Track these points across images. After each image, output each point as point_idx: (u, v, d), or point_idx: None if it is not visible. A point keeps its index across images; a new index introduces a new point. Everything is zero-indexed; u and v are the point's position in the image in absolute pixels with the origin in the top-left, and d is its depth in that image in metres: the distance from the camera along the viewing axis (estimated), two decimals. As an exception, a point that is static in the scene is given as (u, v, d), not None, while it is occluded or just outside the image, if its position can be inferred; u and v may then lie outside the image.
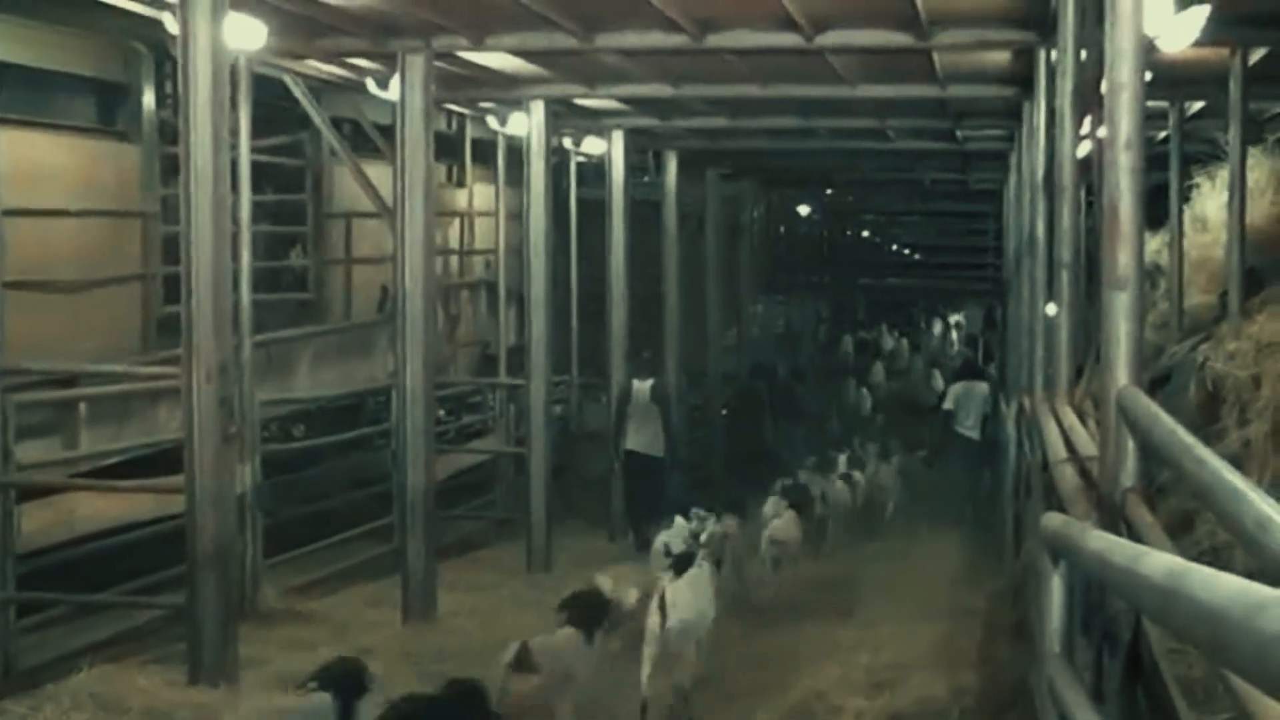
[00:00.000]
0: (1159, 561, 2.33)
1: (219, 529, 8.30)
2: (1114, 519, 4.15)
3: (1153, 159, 12.11)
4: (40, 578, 9.61)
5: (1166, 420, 3.69)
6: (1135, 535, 3.85)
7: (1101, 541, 3.16)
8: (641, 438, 14.70)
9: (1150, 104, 8.72)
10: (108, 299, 11.05)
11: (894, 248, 34.88)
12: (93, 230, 10.92)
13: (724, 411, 19.86)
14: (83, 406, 10.18)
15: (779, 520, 12.45)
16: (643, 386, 14.86)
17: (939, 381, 23.89)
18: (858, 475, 16.68)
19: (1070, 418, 6.62)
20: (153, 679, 8.44)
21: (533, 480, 13.40)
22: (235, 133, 9.60)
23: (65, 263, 10.53)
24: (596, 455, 16.11)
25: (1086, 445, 5.44)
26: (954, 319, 33.96)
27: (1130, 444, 4.22)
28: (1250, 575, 1.91)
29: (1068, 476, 5.08)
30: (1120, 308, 4.39)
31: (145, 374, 10.58)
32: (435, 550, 11.07)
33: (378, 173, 12.21)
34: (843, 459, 17.12)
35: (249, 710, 7.22)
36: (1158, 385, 8.30)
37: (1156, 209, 10.23)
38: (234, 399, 9.02)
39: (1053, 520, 4.03)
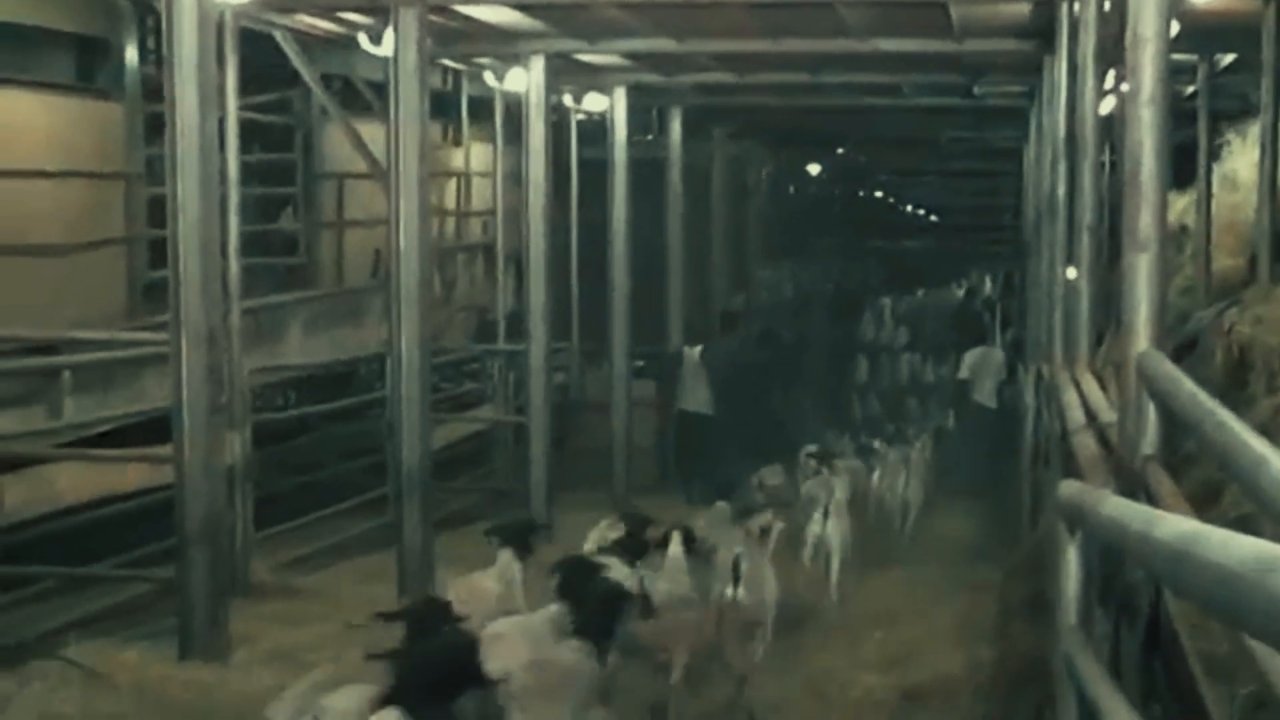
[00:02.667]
0: (1173, 525, 2.35)
1: (209, 501, 8.26)
2: (1133, 487, 4.06)
3: (1180, 115, 11.80)
4: (19, 551, 9.41)
5: (1188, 385, 3.60)
6: (1155, 504, 3.76)
7: (1117, 507, 3.09)
8: (694, 399, 15.97)
9: (1177, 57, 8.47)
10: (90, 263, 10.78)
11: (908, 209, 34.57)
12: (74, 192, 10.65)
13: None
14: (66, 375, 9.94)
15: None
16: (692, 352, 16.14)
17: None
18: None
19: (1090, 384, 6.56)
20: (142, 655, 8.36)
21: (533, 450, 13.17)
22: (222, 91, 9.40)
23: (46, 226, 10.28)
24: (598, 424, 15.86)
25: (1106, 412, 5.39)
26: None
27: (1151, 410, 4.17)
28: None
29: (1086, 444, 5.02)
30: (1142, 270, 4.33)
31: (130, 341, 10.39)
32: (432, 523, 10.82)
33: (370, 132, 11.91)
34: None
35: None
36: (1183, 351, 8.11)
37: (1184, 168, 9.97)
38: (223, 367, 8.82)
39: (1069, 488, 3.93)
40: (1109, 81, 8.84)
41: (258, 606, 9.89)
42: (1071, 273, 8.58)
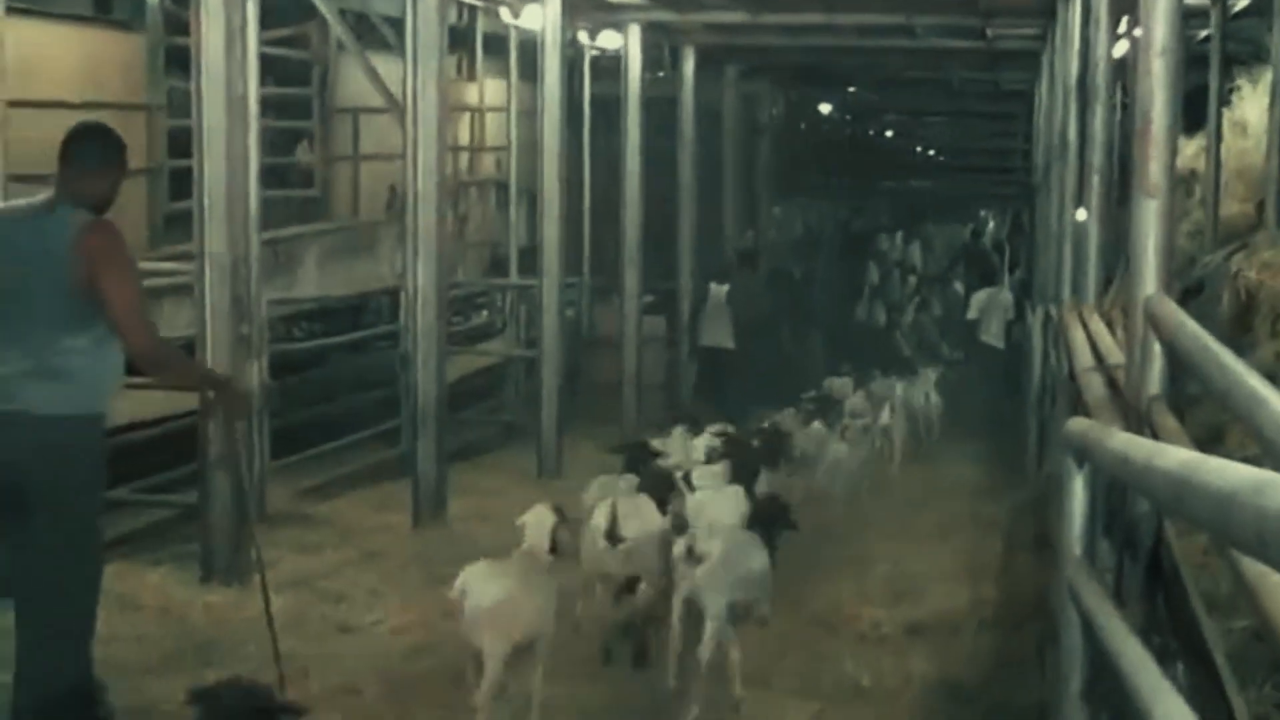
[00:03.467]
0: (1174, 455, 2.44)
1: (230, 429, 8.26)
2: (1139, 427, 4.12)
3: (1193, 60, 11.74)
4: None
5: (1193, 327, 3.68)
6: (1160, 442, 3.74)
7: (1122, 440, 3.16)
8: (715, 334, 16.40)
9: (1191, 1, 8.45)
10: (112, 193, 10.78)
11: (919, 149, 34.30)
12: (96, 123, 10.62)
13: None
14: (88, 303, 9.97)
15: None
16: (719, 290, 16.45)
17: None
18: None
19: (1098, 326, 6.62)
20: (165, 577, 8.55)
21: (543, 384, 13.18)
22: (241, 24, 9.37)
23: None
24: (608, 359, 15.93)
25: (1114, 354, 5.45)
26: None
27: (1157, 351, 4.25)
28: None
29: (1094, 385, 5.06)
30: (1150, 216, 4.36)
31: (152, 271, 10.40)
32: (446, 454, 10.93)
33: (387, 67, 11.91)
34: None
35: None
36: (1190, 295, 8.14)
37: (1195, 112, 9.92)
38: (246, 298, 8.90)
39: (1078, 424, 3.99)
40: (1122, 25, 8.83)
41: (275, 533, 9.91)
42: (1081, 214, 8.57)
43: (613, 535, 7.26)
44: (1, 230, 5.79)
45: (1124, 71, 8.71)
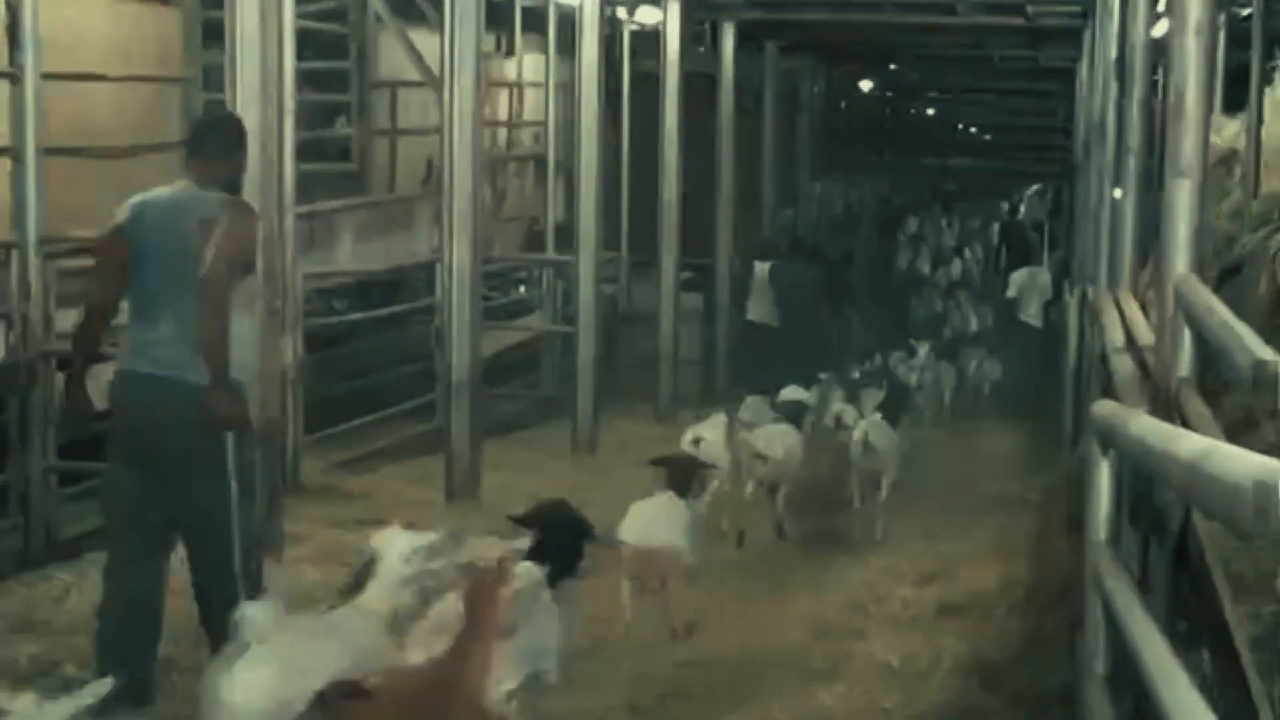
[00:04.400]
0: (1190, 442, 2.47)
1: (264, 402, 8.29)
2: (1167, 409, 4.12)
3: (1235, 38, 11.64)
4: (77, 446, 9.55)
5: (1221, 310, 3.68)
6: (1186, 426, 3.81)
7: (1143, 425, 3.17)
8: (759, 310, 16.96)
9: (1234, -20, 8.36)
10: (148, 166, 10.78)
11: (959, 126, 34.17)
12: (132, 96, 10.69)
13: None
14: (124, 276, 10.02)
15: None
16: (762, 267, 17.01)
17: None
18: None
19: (1132, 307, 6.59)
20: None
21: (580, 360, 13.18)
22: (279, -3, 9.39)
23: (105, 130, 10.32)
24: (645, 336, 15.91)
25: (1145, 335, 5.43)
26: None
27: (1186, 334, 4.22)
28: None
29: (1124, 366, 5.08)
30: (1181, 196, 4.35)
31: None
32: (480, 429, 10.94)
33: (425, 41, 11.91)
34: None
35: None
36: (1228, 276, 8.05)
37: (1236, 91, 9.82)
38: (279, 272, 8.91)
39: (1103, 407, 3.98)
40: (1161, 4, 8.74)
41: (308, 507, 9.94)
42: (1118, 194, 8.51)
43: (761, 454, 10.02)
44: (151, 211, 6.23)
45: (1163, 51, 8.61)
